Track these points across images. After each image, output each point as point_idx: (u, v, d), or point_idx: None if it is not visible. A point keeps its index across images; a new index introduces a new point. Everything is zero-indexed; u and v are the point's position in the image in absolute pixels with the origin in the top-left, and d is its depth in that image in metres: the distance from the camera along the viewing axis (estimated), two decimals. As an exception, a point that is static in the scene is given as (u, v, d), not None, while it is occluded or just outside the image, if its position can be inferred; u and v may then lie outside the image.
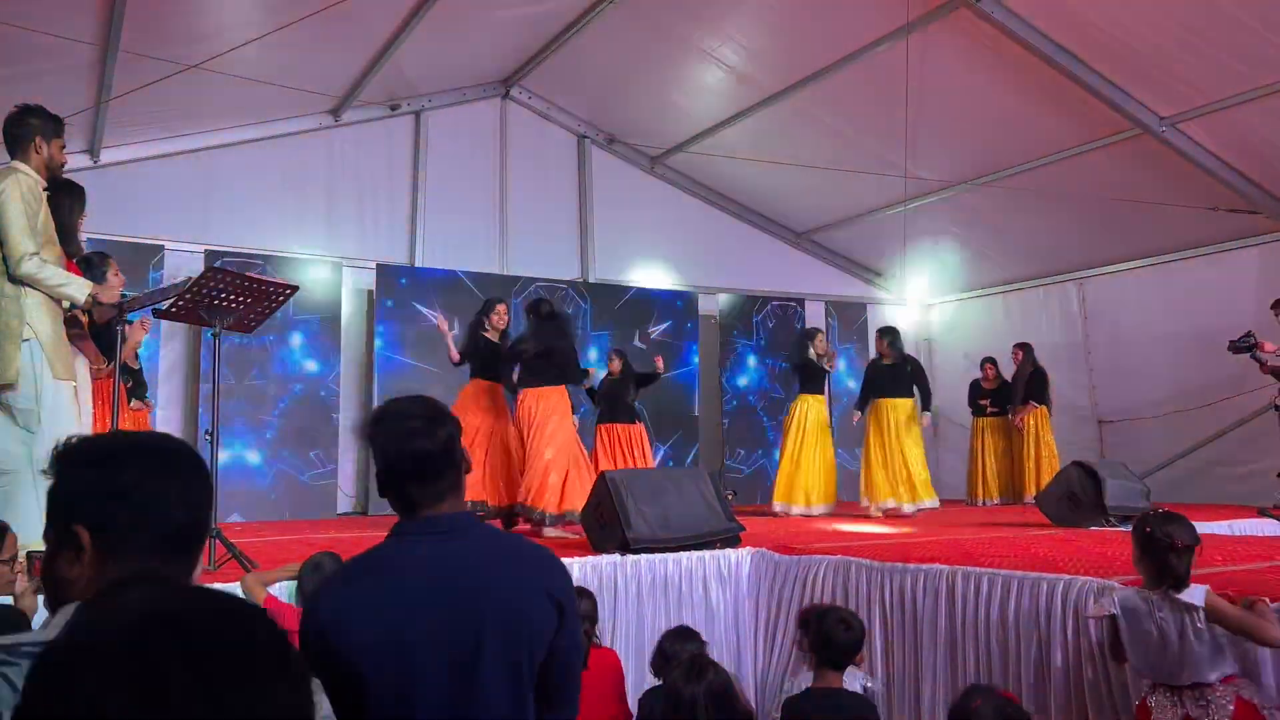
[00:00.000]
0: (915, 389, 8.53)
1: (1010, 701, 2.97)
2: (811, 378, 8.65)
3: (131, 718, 0.65)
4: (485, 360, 6.94)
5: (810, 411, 8.60)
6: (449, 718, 1.80)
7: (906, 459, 8.21)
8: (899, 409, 8.38)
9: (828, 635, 3.34)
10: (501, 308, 7.13)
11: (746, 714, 2.89)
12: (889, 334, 8.68)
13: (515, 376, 6.78)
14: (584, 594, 4.21)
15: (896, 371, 8.48)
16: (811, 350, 8.63)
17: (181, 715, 0.66)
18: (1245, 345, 7.81)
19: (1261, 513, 6.89)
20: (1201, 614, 2.95)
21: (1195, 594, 3.00)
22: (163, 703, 0.66)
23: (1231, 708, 2.94)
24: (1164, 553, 3.04)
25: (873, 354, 9.00)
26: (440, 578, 1.86)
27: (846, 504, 8.95)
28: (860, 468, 8.65)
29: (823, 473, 8.54)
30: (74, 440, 1.29)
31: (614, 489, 5.38)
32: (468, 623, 1.83)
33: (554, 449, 6.51)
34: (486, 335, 7.03)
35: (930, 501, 8.25)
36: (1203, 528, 6.12)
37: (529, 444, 6.57)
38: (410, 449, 1.92)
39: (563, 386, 6.78)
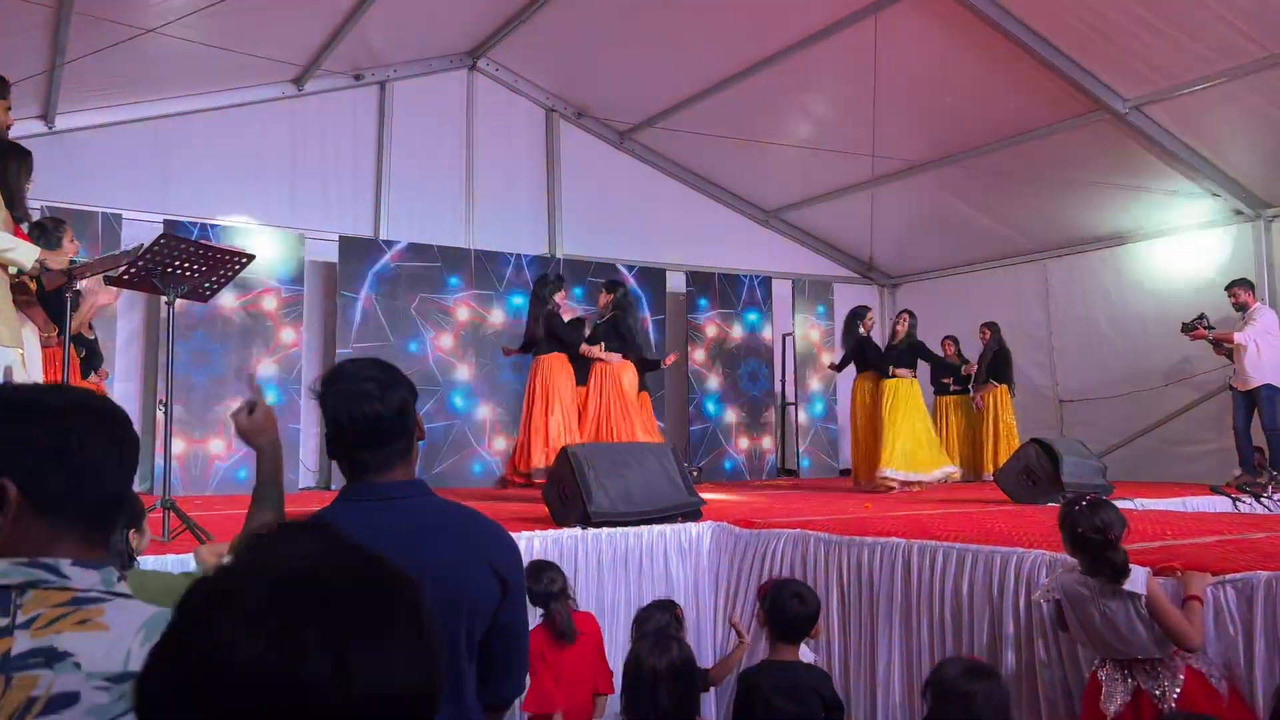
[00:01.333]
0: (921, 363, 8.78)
1: (976, 660, 3.01)
2: (866, 356, 8.66)
3: (261, 667, 0.69)
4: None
5: (870, 390, 8.62)
6: None
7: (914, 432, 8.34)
8: (901, 386, 8.47)
9: (782, 608, 3.36)
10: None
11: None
12: (914, 319, 8.76)
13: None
14: (549, 566, 4.22)
15: (901, 350, 8.57)
16: (861, 328, 8.64)
17: (310, 675, 0.69)
18: (1196, 327, 7.94)
19: (1213, 489, 7.01)
20: (1144, 601, 2.97)
21: (1138, 581, 3.00)
22: (294, 661, 0.69)
23: (1182, 678, 2.99)
24: (1101, 548, 3.03)
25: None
26: (381, 544, 1.80)
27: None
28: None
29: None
30: (12, 388, 1.23)
31: (575, 463, 5.38)
32: None
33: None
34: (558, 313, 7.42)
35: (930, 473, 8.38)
36: (1156, 504, 6.29)
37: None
38: (361, 411, 1.86)
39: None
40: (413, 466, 1.97)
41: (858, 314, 8.79)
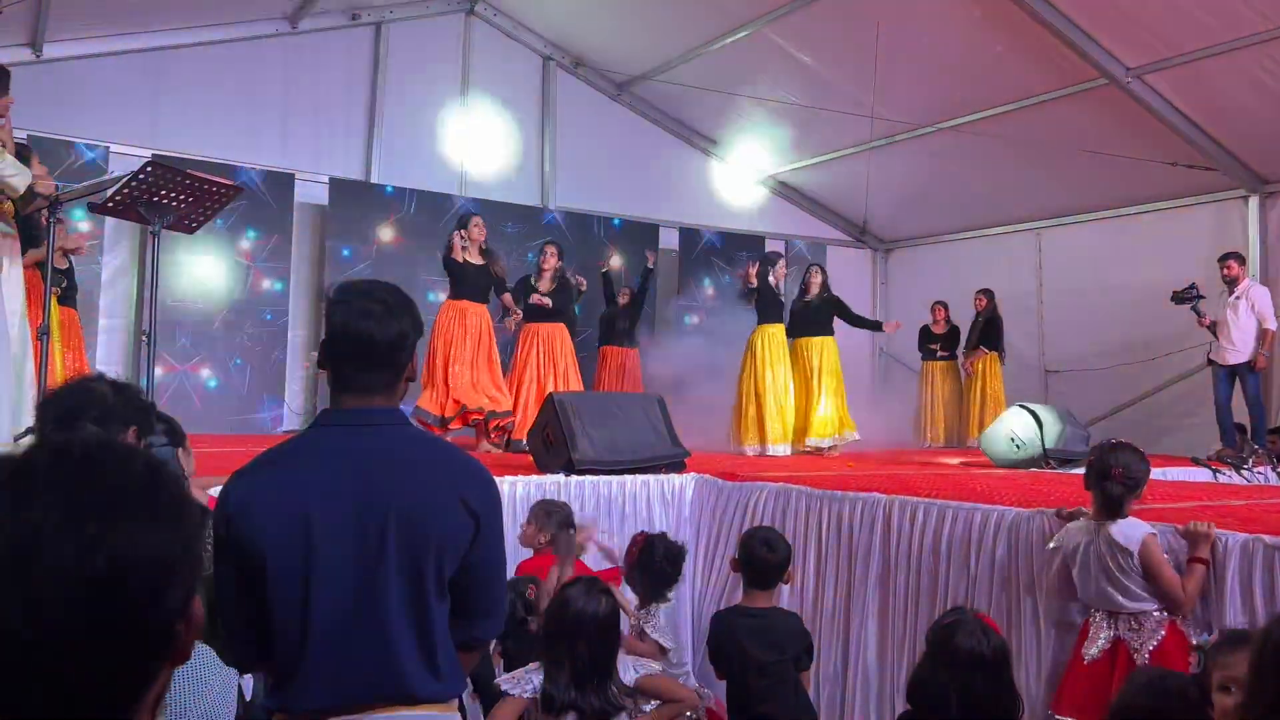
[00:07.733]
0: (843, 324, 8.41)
1: (976, 615, 3.00)
2: (771, 306, 8.34)
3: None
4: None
5: (770, 342, 8.20)
6: (347, 614, 1.75)
7: (821, 397, 8.05)
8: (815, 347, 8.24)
9: (751, 555, 3.40)
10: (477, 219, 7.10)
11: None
12: (822, 272, 8.41)
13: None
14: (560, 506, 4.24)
15: (815, 308, 8.30)
16: (772, 276, 8.30)
17: (40, 523, 0.77)
18: (1188, 296, 7.94)
19: (1195, 461, 7.05)
20: (1136, 557, 3.02)
21: (1134, 537, 3.05)
22: (27, 509, 0.78)
23: (1163, 633, 3.04)
24: (1102, 476, 3.12)
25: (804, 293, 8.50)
26: (352, 470, 1.80)
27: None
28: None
29: (785, 411, 8.04)
30: None
31: (562, 411, 5.37)
32: (374, 519, 1.78)
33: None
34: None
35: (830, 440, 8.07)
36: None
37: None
38: (357, 329, 1.85)
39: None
40: (395, 400, 1.94)
41: (769, 260, 8.30)
